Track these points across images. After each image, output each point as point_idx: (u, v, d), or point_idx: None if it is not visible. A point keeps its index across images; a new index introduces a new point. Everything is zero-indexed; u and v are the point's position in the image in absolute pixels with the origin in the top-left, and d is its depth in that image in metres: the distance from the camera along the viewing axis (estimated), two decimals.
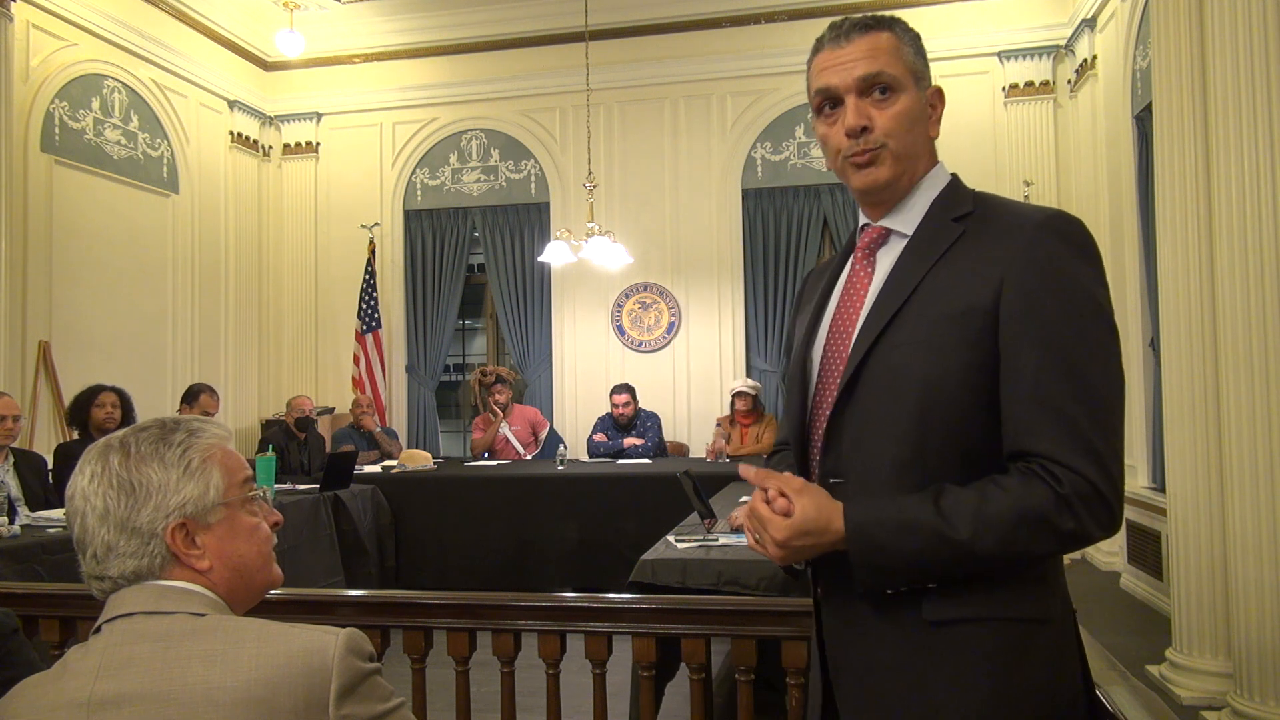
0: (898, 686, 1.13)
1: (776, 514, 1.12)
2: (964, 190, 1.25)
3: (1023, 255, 1.12)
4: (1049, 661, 1.13)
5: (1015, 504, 1.05)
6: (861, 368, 1.17)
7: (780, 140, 7.13)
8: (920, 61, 1.23)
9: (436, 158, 7.70)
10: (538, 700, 2.16)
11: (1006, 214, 1.19)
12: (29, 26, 5.57)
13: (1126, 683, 1.41)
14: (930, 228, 1.21)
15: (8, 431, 4.03)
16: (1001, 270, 1.12)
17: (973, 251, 1.16)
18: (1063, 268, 1.12)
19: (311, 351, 7.81)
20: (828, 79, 1.22)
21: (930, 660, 1.12)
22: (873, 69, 1.19)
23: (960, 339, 1.12)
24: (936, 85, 1.26)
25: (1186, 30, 3.61)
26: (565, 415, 7.38)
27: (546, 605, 2.12)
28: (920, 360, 1.13)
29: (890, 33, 1.22)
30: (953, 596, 1.11)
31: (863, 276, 1.25)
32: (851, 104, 1.20)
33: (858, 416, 1.18)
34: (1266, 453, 3.26)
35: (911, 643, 1.13)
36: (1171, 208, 3.69)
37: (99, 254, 6.11)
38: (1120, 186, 5.76)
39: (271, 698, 0.96)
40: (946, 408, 1.12)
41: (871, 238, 1.27)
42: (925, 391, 1.12)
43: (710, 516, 3.35)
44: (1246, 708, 3.22)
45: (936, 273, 1.16)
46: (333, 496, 5.23)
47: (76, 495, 1.07)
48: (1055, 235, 1.13)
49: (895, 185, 1.22)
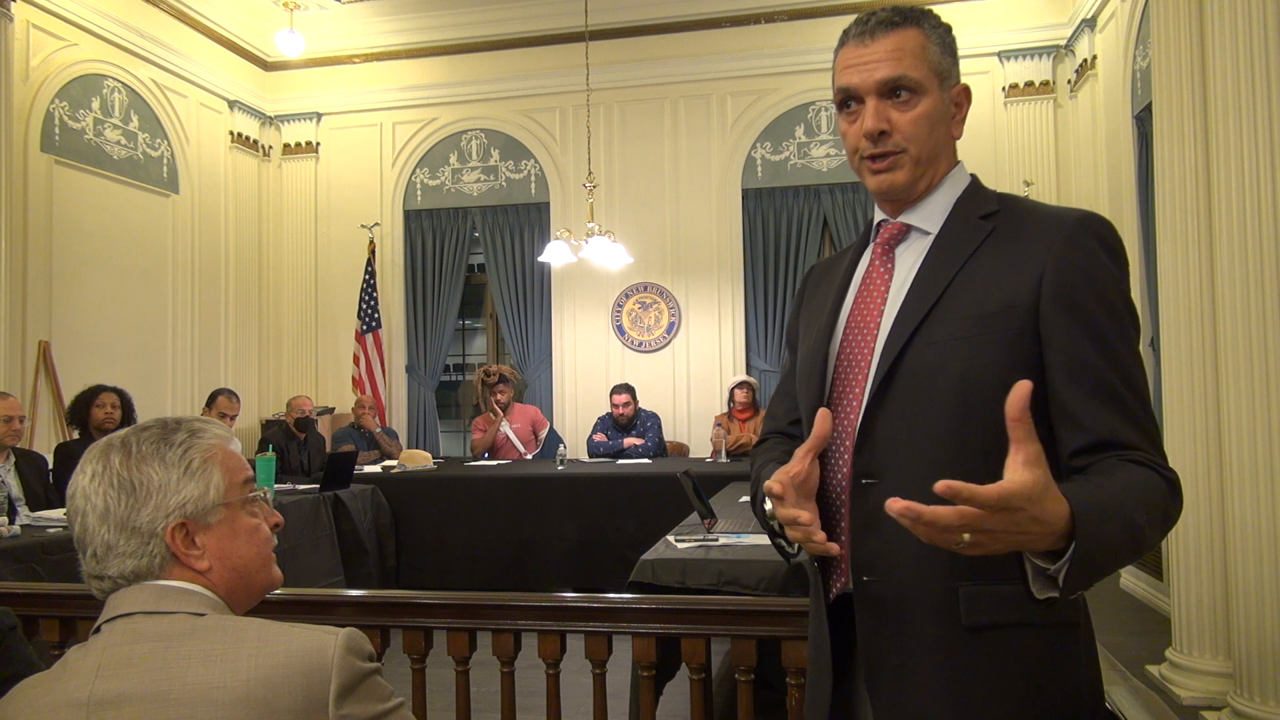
0: (935, 690, 1.12)
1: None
2: (986, 190, 1.24)
3: (1061, 254, 1.11)
4: (1081, 666, 1.13)
5: (1154, 490, 1.03)
6: (896, 365, 1.14)
7: (780, 140, 7.13)
8: (947, 59, 1.20)
9: (436, 158, 7.70)
10: (538, 700, 2.16)
11: (1039, 213, 1.17)
12: (29, 26, 5.57)
13: (1126, 683, 1.41)
14: (957, 225, 1.19)
15: (14, 432, 4.05)
16: (1039, 268, 1.11)
17: (1006, 250, 1.14)
18: (1098, 267, 1.11)
19: (311, 351, 7.81)
20: (849, 78, 1.19)
21: (968, 665, 1.11)
22: (895, 72, 1.16)
23: (1000, 336, 1.11)
24: (964, 84, 1.23)
25: (1186, 30, 3.61)
26: (565, 415, 7.38)
27: (546, 605, 2.12)
28: (959, 358, 1.11)
29: (918, 29, 1.18)
30: (990, 601, 1.10)
31: (882, 273, 1.23)
32: (872, 106, 1.17)
33: (893, 415, 1.15)
34: (1266, 452, 3.26)
35: (949, 647, 1.11)
36: (1171, 208, 3.69)
37: (99, 254, 6.11)
38: (1120, 186, 5.76)
39: (271, 697, 0.96)
40: (987, 405, 1.07)
41: (891, 233, 1.25)
42: (965, 389, 1.11)
43: (710, 516, 3.35)
44: (1246, 708, 3.22)
45: (969, 270, 1.15)
46: (333, 496, 5.23)
47: (77, 494, 1.07)
48: (1093, 236, 1.13)
49: (913, 187, 1.20)
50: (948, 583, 1.11)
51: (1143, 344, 4.81)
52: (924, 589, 1.13)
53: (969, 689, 1.10)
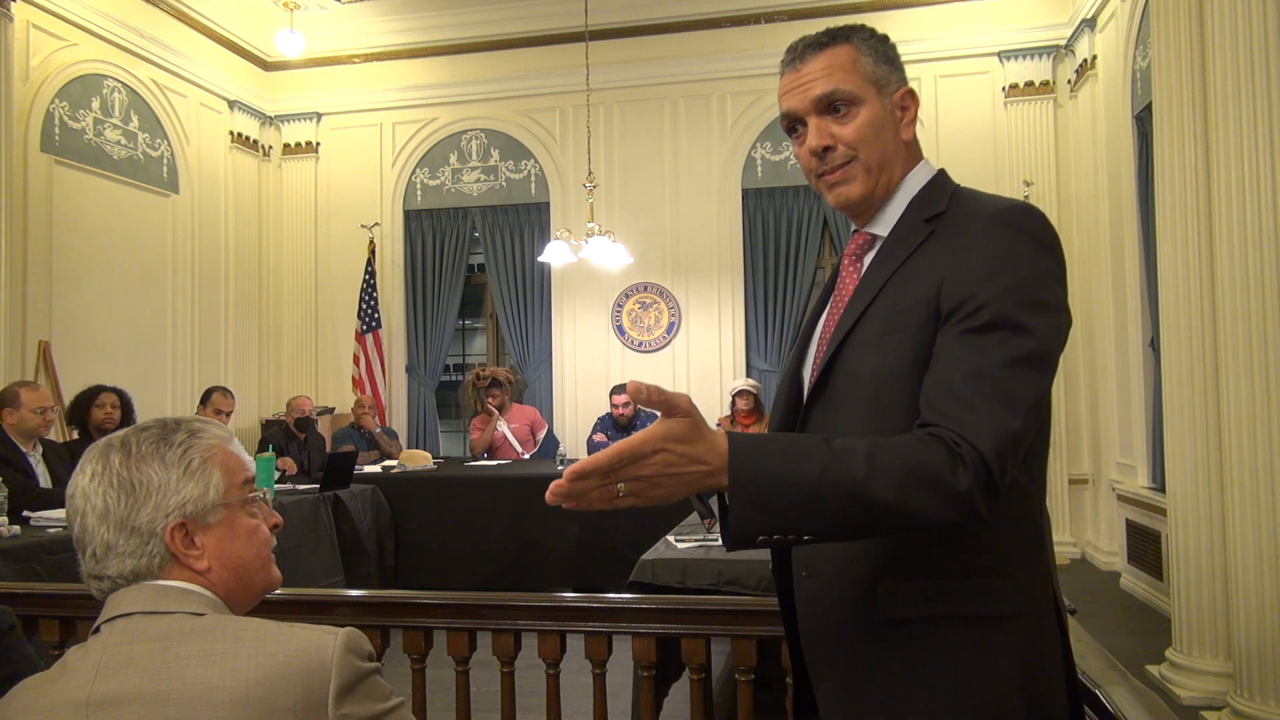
0: (866, 684, 1.14)
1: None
2: (942, 189, 1.23)
3: (969, 245, 1.12)
4: (1014, 661, 1.11)
5: (912, 454, 1.00)
6: (827, 372, 1.18)
7: (780, 140, 7.12)
8: (883, 68, 1.21)
9: (436, 158, 7.70)
10: (538, 700, 2.16)
11: (970, 208, 1.18)
12: (29, 26, 5.58)
13: (1126, 683, 1.41)
14: (902, 230, 1.21)
15: (46, 423, 4.16)
16: (951, 262, 1.12)
17: (938, 249, 1.15)
18: (1007, 256, 1.09)
19: (311, 351, 7.81)
20: (789, 103, 1.23)
21: (890, 659, 1.12)
22: (827, 88, 1.19)
23: (907, 332, 1.12)
24: (907, 88, 1.24)
25: (1186, 30, 3.61)
26: (565, 415, 7.38)
27: (546, 605, 2.12)
28: (871, 358, 1.14)
29: (847, 44, 1.21)
30: (908, 594, 1.12)
31: (849, 283, 1.26)
32: (813, 125, 1.20)
33: (822, 416, 1.19)
34: (1266, 453, 3.26)
35: (872, 641, 1.13)
36: (1171, 208, 3.69)
37: (99, 254, 6.11)
38: (1120, 186, 5.76)
39: (270, 697, 0.96)
40: (895, 402, 1.11)
41: (858, 244, 1.28)
42: (876, 389, 1.12)
43: (710, 516, 3.34)
44: (1246, 708, 3.22)
45: (900, 273, 1.16)
46: (333, 496, 5.24)
47: (77, 494, 1.07)
48: (1005, 226, 1.12)
49: (869, 198, 1.22)
50: (870, 577, 1.13)
51: (1143, 344, 4.82)
52: (848, 584, 1.15)
53: (897, 684, 1.12)
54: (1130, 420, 5.67)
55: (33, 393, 4.15)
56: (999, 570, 1.13)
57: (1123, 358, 5.77)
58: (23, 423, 4.08)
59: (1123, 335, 5.73)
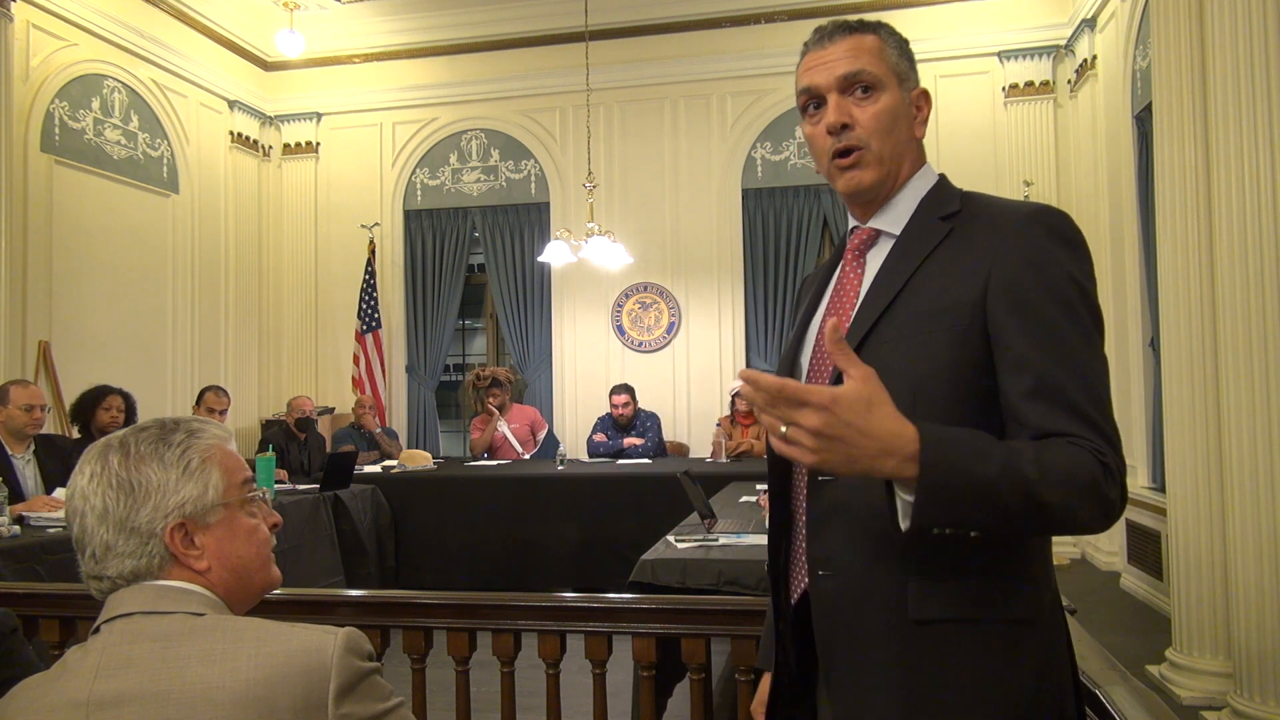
0: (886, 685, 1.13)
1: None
2: (951, 190, 1.25)
3: (1009, 249, 1.12)
4: (1035, 663, 1.12)
5: (1070, 463, 1.03)
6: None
7: (780, 140, 7.13)
8: (904, 64, 1.24)
9: (436, 158, 7.70)
10: (538, 700, 2.16)
11: (993, 210, 1.19)
12: (29, 26, 5.58)
13: (1126, 683, 1.41)
14: (917, 227, 1.21)
15: (35, 421, 4.10)
16: (988, 265, 1.12)
17: (960, 248, 1.16)
18: (1050, 260, 1.11)
19: (311, 351, 7.81)
20: (811, 78, 1.23)
21: (916, 659, 1.11)
22: (854, 67, 1.20)
23: (947, 333, 1.12)
24: (923, 88, 1.27)
25: (1186, 30, 3.61)
26: (565, 415, 7.38)
27: (546, 605, 2.12)
28: (907, 356, 1.13)
29: (875, 35, 1.23)
30: (940, 595, 1.11)
31: (853, 278, 1.26)
32: (833, 101, 1.21)
33: None
34: (1266, 453, 3.26)
35: (898, 641, 1.12)
36: (1171, 208, 3.69)
37: (99, 254, 6.11)
38: (1120, 186, 5.76)
39: (270, 697, 0.96)
40: (934, 403, 1.10)
41: (861, 239, 1.27)
42: (913, 386, 1.11)
43: (710, 516, 3.35)
44: (1246, 708, 3.22)
45: (924, 271, 1.17)
46: (333, 496, 5.24)
47: (76, 495, 1.07)
48: (1042, 228, 1.13)
49: (880, 187, 1.23)
50: (899, 577, 1.12)
51: (1143, 344, 4.81)
52: (875, 583, 1.14)
53: (919, 684, 1.11)
54: (1130, 420, 5.67)
55: (23, 390, 4.10)
56: (1023, 573, 1.14)
57: (1123, 358, 5.77)
58: (10, 420, 4.03)
59: (1123, 335, 5.73)
